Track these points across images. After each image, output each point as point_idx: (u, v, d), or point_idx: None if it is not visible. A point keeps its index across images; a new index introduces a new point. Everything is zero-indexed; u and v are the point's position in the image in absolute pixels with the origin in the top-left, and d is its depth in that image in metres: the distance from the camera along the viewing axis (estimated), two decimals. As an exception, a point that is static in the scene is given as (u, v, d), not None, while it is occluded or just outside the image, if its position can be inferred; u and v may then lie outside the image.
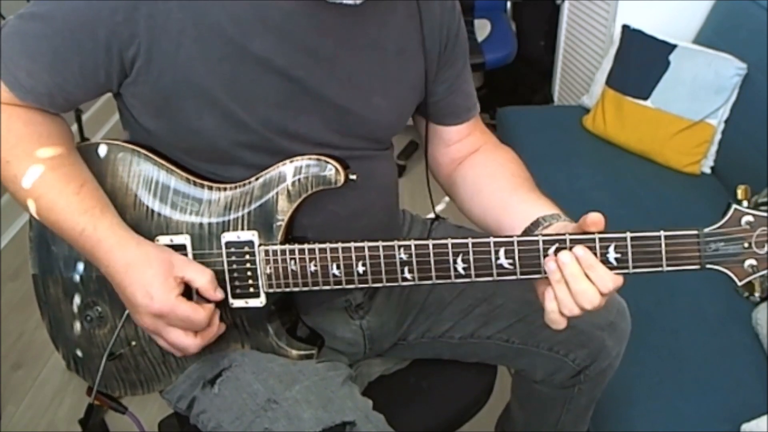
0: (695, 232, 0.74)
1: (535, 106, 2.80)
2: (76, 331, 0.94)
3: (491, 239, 0.78)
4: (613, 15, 2.21)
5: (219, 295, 0.84)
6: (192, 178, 0.86)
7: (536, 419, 1.23)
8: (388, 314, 1.04)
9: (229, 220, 0.85)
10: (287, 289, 0.85)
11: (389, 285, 0.82)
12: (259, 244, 0.85)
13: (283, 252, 0.84)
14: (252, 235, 0.85)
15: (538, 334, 1.06)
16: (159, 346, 0.91)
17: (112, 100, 0.88)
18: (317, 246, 0.83)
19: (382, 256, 0.81)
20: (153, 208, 0.86)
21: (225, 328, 0.87)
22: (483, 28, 2.81)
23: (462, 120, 1.03)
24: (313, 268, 0.83)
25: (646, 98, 1.99)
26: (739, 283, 0.75)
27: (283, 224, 0.84)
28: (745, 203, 0.74)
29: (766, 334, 1.35)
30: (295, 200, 0.84)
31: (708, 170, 1.97)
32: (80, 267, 0.91)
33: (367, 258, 0.81)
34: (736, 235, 0.74)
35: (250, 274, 0.86)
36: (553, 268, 0.75)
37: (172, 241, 0.86)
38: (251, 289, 0.86)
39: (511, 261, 0.78)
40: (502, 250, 0.78)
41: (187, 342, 0.82)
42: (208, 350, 0.91)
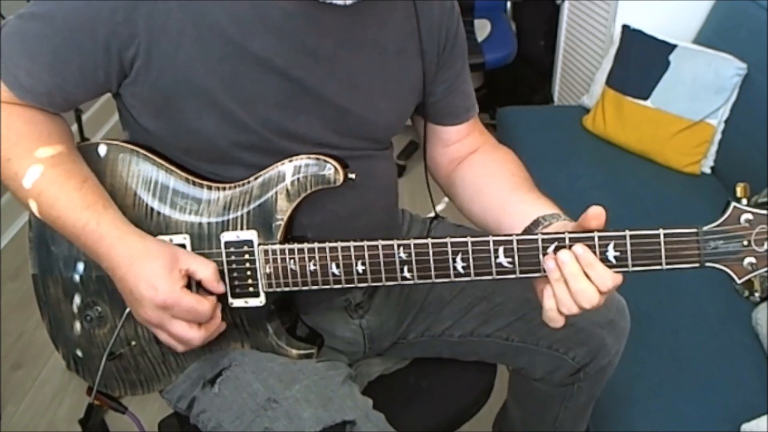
0: (694, 230, 0.74)
1: (535, 106, 2.80)
2: (76, 331, 0.94)
3: (490, 238, 0.78)
4: (613, 15, 2.21)
5: (221, 288, 0.84)
6: (191, 177, 0.86)
7: (534, 417, 1.23)
8: (387, 313, 1.04)
9: (228, 220, 0.85)
10: (287, 289, 0.85)
11: (389, 284, 0.82)
12: (259, 244, 0.85)
13: (283, 251, 0.84)
14: (251, 235, 0.85)
15: (538, 333, 1.06)
16: (159, 346, 0.91)
17: (112, 100, 0.88)
18: (317, 245, 0.83)
19: (382, 256, 0.81)
20: (152, 208, 0.87)
21: (225, 326, 0.87)
22: (483, 28, 2.81)
23: (461, 120, 1.03)
24: (313, 268, 0.83)
25: (646, 98, 1.99)
26: (739, 281, 0.75)
27: (283, 224, 0.84)
28: (745, 201, 0.74)
29: (766, 334, 1.35)
30: (295, 199, 0.84)
31: (708, 170, 1.97)
32: (80, 267, 0.91)
33: (367, 257, 0.81)
34: (736, 232, 0.73)
35: (249, 273, 0.86)
36: (553, 267, 0.75)
37: (171, 240, 0.86)
38: (251, 289, 0.86)
39: (510, 260, 0.78)
40: (501, 249, 0.78)
41: (192, 334, 0.81)
42: (208, 350, 0.92)
